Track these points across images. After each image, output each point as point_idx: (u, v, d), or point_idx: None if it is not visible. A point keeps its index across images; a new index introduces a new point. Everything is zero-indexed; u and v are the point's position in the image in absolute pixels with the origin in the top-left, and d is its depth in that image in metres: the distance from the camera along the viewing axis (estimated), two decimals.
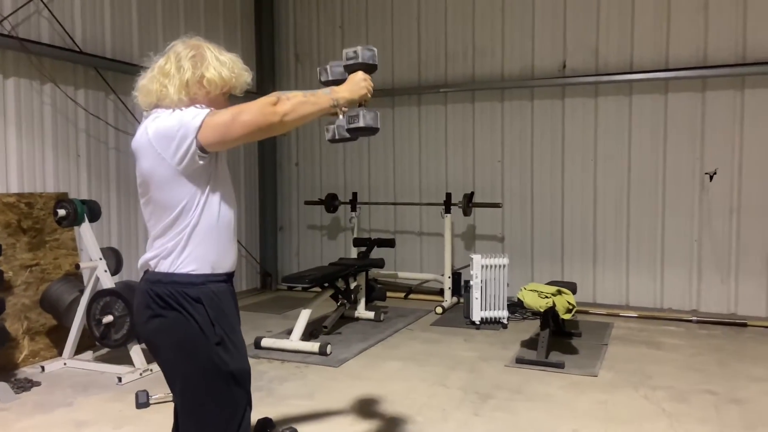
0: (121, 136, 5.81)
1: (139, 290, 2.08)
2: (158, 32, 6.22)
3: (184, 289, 1.97)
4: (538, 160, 6.77)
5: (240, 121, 1.88)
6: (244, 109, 1.89)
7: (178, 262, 1.98)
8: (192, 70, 1.99)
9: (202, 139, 1.88)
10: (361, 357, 4.89)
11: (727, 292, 6.08)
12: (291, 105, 1.92)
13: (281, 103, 1.91)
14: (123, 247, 5.62)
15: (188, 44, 2.05)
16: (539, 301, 4.57)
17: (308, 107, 1.98)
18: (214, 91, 2.03)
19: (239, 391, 2.04)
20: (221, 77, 2.01)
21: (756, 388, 4.06)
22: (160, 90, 1.98)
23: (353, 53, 2.25)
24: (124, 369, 4.42)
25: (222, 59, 2.04)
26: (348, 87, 2.13)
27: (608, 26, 6.37)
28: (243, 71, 2.09)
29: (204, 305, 1.98)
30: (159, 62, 2.05)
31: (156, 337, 2.03)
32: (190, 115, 1.91)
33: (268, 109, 1.89)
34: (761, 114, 5.86)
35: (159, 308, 1.98)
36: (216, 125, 1.89)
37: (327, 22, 7.74)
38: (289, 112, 1.92)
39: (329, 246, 7.89)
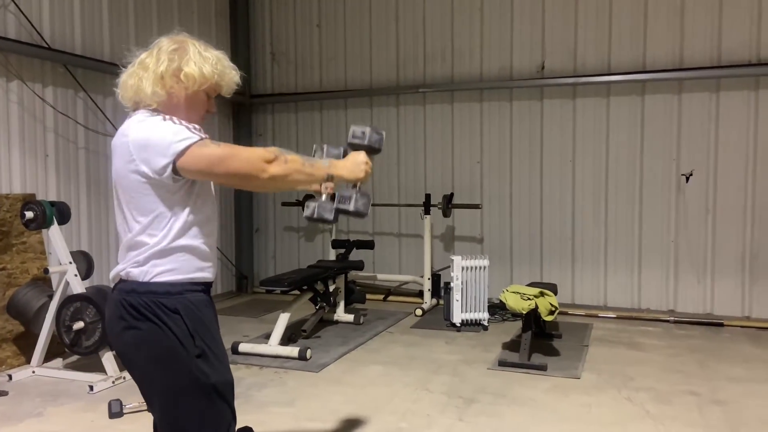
0: (91, 135, 5.63)
1: (111, 300, 1.95)
2: (130, 28, 6.05)
3: (160, 299, 1.86)
4: (517, 161, 6.76)
5: (227, 165, 1.79)
6: (236, 154, 1.80)
7: (153, 272, 1.87)
8: (168, 63, 1.88)
9: (180, 164, 1.78)
10: (341, 361, 4.80)
11: (703, 292, 6.14)
12: (285, 170, 1.83)
13: (276, 164, 1.81)
14: (94, 250, 5.44)
15: (173, 39, 1.96)
16: (522, 303, 4.54)
17: (300, 177, 1.89)
18: (192, 87, 1.91)
19: (222, 404, 1.94)
20: (201, 73, 1.90)
21: (737, 389, 4.08)
22: (137, 84, 1.88)
23: (361, 133, 2.15)
24: (96, 377, 4.26)
25: (206, 55, 1.93)
26: (348, 165, 2.02)
27: (586, 28, 6.40)
28: (228, 69, 1.97)
29: (182, 316, 1.87)
30: (141, 56, 1.95)
31: (131, 350, 1.91)
32: (178, 134, 1.79)
33: (260, 164, 1.79)
34: (735, 116, 5.94)
35: (133, 319, 1.86)
36: (200, 157, 1.78)
37: (304, 21, 7.63)
38: (280, 176, 1.83)
39: (306, 248, 7.78)
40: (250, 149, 1.82)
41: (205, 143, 1.80)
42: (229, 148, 1.82)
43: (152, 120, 1.85)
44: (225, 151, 1.80)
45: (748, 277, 5.97)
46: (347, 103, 7.47)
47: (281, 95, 7.70)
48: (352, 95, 7.38)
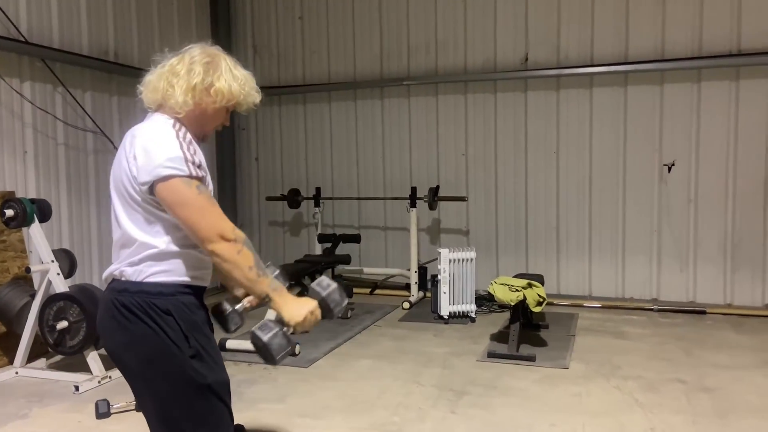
0: (70, 131, 5.52)
1: (103, 300, 1.92)
2: (108, 22, 5.93)
3: (153, 299, 1.82)
4: (501, 153, 6.78)
5: (188, 215, 1.75)
6: (202, 212, 1.75)
7: (147, 272, 1.84)
8: (203, 75, 1.87)
9: (157, 189, 1.76)
10: (330, 356, 4.79)
11: (686, 280, 6.22)
12: (229, 256, 1.76)
13: (228, 246, 1.75)
14: (75, 248, 5.34)
15: (206, 50, 1.94)
16: (510, 294, 4.56)
17: (237, 274, 1.78)
18: (219, 103, 1.90)
19: (219, 404, 1.91)
20: (230, 90, 1.89)
21: (723, 375, 4.14)
22: (167, 89, 1.86)
23: (326, 285, 1.97)
24: (81, 377, 4.19)
25: (236, 74, 1.92)
26: (292, 304, 1.88)
27: (569, 20, 6.41)
28: (254, 91, 1.98)
29: (174, 317, 1.83)
30: (172, 61, 1.92)
31: (123, 351, 1.87)
32: (169, 157, 1.75)
33: (213, 235, 1.75)
34: (717, 106, 6.00)
35: (125, 320, 1.83)
36: (174, 192, 1.75)
37: (286, 13, 7.55)
38: (223, 259, 1.76)
39: (292, 243, 7.73)
40: (220, 216, 1.77)
41: (188, 182, 1.76)
42: (206, 202, 1.77)
43: (167, 131, 1.82)
44: (200, 202, 1.75)
45: (729, 265, 6.05)
46: (331, 96, 7.42)
47: (263, 88, 7.26)
48: (335, 88, 7.33)
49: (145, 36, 6.40)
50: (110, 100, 6.00)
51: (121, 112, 6.08)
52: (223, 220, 1.78)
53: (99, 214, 5.77)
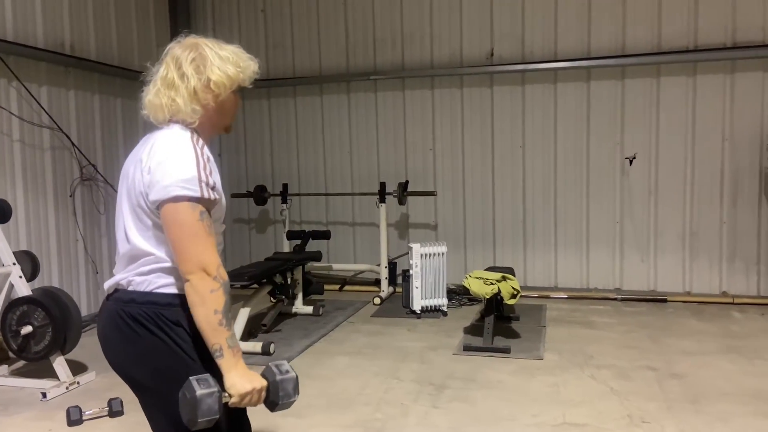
0: (26, 127, 5.28)
1: (106, 311, 1.81)
2: (64, 13, 5.69)
3: (162, 310, 1.73)
4: (468, 147, 6.83)
5: (184, 239, 1.65)
6: (200, 243, 1.64)
7: (156, 283, 1.75)
8: (196, 76, 1.77)
9: (162, 207, 1.67)
10: (306, 354, 4.74)
11: (647, 270, 6.42)
12: (201, 293, 1.63)
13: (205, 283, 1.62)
14: (33, 249, 5.11)
15: (185, 45, 1.82)
16: (485, 288, 4.61)
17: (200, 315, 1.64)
18: (225, 92, 1.80)
19: (238, 412, 1.83)
20: (228, 77, 1.78)
21: (690, 361, 4.29)
22: (170, 104, 1.76)
23: (285, 371, 1.73)
24: (48, 383, 4.03)
25: (224, 55, 1.80)
26: (243, 375, 1.66)
27: (533, 15, 6.50)
28: (248, 62, 1.85)
29: (185, 328, 1.74)
30: (160, 72, 1.81)
31: (132, 364, 1.78)
32: (184, 177, 1.66)
33: (196, 269, 1.63)
34: (675, 101, 6.20)
35: (132, 332, 1.73)
36: (175, 214, 1.66)
37: (248, 6, 7.41)
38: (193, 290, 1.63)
39: (258, 240, 7.62)
40: (208, 249, 1.65)
41: (194, 207, 1.66)
42: (201, 230, 1.66)
43: (185, 145, 1.72)
44: (194, 228, 1.65)
45: (688, 254, 6.28)
46: (296, 90, 7.32)
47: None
48: (300, 83, 7.23)
49: (102, 28, 6.17)
50: (67, 95, 5.76)
51: (79, 106, 5.85)
52: (211, 254, 1.66)
53: (57, 214, 5.55)
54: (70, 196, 5.70)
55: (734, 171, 6.09)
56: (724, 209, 6.14)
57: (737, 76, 6.00)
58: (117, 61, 6.29)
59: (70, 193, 5.70)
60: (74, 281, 5.75)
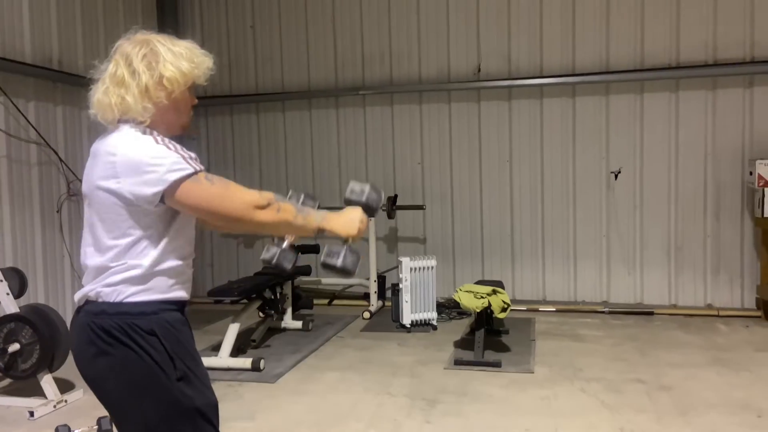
0: (13, 142, 5.24)
1: (77, 325, 1.79)
2: (52, 29, 5.67)
3: (134, 320, 1.72)
4: (456, 161, 6.89)
5: (217, 205, 1.71)
6: (228, 195, 1.71)
7: (127, 292, 1.73)
8: (148, 72, 1.73)
9: (168, 195, 1.67)
10: (296, 370, 4.72)
11: (633, 283, 6.49)
12: (274, 218, 1.76)
13: (267, 211, 1.74)
14: (20, 266, 5.03)
15: (135, 41, 1.79)
16: (475, 301, 4.63)
17: (289, 230, 1.88)
18: (178, 89, 1.77)
19: (208, 428, 1.83)
20: (182, 73, 1.76)
21: (678, 374, 4.34)
22: (120, 103, 1.73)
23: (360, 190, 2.06)
24: (36, 402, 3.97)
25: (177, 50, 1.77)
26: (341, 221, 1.95)
27: (519, 33, 6.60)
28: (201, 57, 1.82)
29: (158, 337, 1.74)
30: (109, 70, 1.78)
31: (103, 378, 1.76)
32: (171, 164, 1.67)
33: (250, 211, 1.72)
34: (658, 116, 6.31)
35: (104, 344, 1.71)
36: (191, 193, 1.68)
37: (236, 22, 7.44)
38: (269, 224, 1.77)
39: (246, 255, 7.59)
40: (242, 191, 1.72)
41: (198, 178, 1.69)
42: (223, 187, 1.71)
43: (146, 140, 1.71)
44: (218, 190, 1.70)
45: (673, 267, 6.36)
46: (285, 105, 7.35)
47: (215, 98, 7.44)
48: (289, 97, 7.26)
49: (91, 44, 6.15)
50: (54, 110, 5.73)
51: (66, 122, 5.82)
52: (246, 193, 1.73)
53: (44, 230, 5.50)
54: (57, 212, 5.66)
55: (717, 185, 6.20)
56: (708, 223, 6.24)
57: (718, 92, 6.13)
58: None
59: (57, 209, 5.66)
60: (61, 298, 5.69)
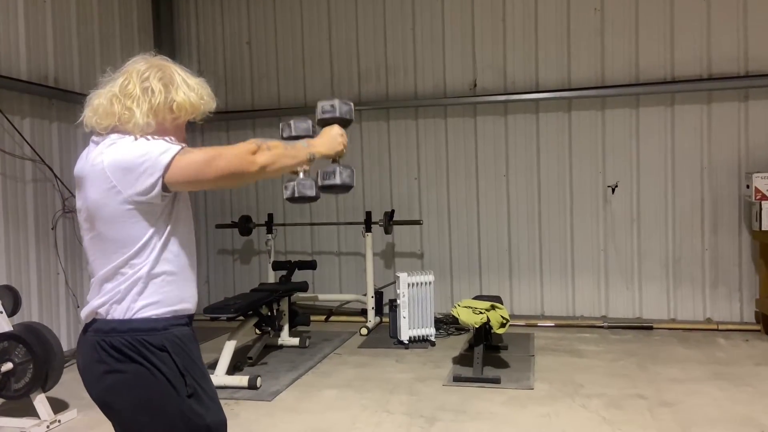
0: (8, 159, 5.21)
1: (86, 343, 1.78)
2: (48, 46, 5.67)
3: (145, 336, 1.72)
4: (453, 176, 6.89)
5: (215, 166, 1.70)
6: (221, 154, 1.71)
7: (135, 307, 1.73)
8: (164, 94, 1.79)
9: (168, 178, 1.68)
10: (293, 388, 4.66)
11: (632, 297, 6.47)
12: (271, 156, 1.79)
13: (261, 153, 1.76)
14: (14, 284, 4.98)
15: (152, 63, 1.84)
16: (474, 317, 4.60)
17: (288, 160, 1.87)
18: (183, 117, 1.83)
19: None
20: (191, 103, 1.82)
21: (679, 389, 4.30)
22: (123, 113, 1.75)
23: (330, 107, 2.14)
24: (28, 422, 3.91)
25: (191, 84, 1.84)
26: (324, 141, 2.02)
27: (514, 48, 6.63)
28: (210, 99, 1.90)
29: (170, 353, 1.74)
30: (120, 81, 1.80)
31: (113, 397, 1.74)
32: (158, 149, 1.70)
33: (247, 157, 1.74)
34: (653, 130, 6.33)
35: (115, 362, 1.71)
36: (187, 165, 1.69)
37: (233, 38, 7.46)
38: (269, 164, 1.78)
39: (242, 271, 7.55)
40: (231, 146, 1.76)
41: (186, 151, 1.72)
42: (212, 149, 1.73)
43: (124, 141, 1.74)
44: (209, 153, 1.71)
45: (672, 281, 6.34)
46: (281, 121, 7.32)
47: (211, 113, 7.42)
48: (286, 113, 7.24)
49: (87, 61, 6.15)
50: (50, 127, 5.71)
51: (62, 139, 5.80)
52: (236, 146, 1.76)
53: (38, 247, 5.46)
54: (52, 229, 5.62)
55: (714, 199, 6.20)
56: (706, 236, 6.23)
57: (714, 106, 6.15)
58: None
59: (52, 226, 5.62)
60: (54, 316, 5.62)
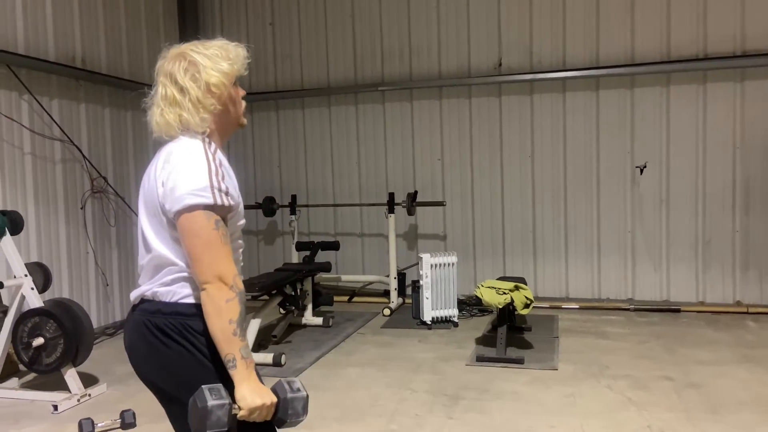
0: (37, 139, 5.30)
1: (132, 322, 1.81)
2: (75, 27, 5.73)
3: (188, 320, 1.73)
4: (477, 157, 6.82)
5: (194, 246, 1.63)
6: (210, 251, 1.62)
7: (181, 293, 1.75)
8: (195, 85, 1.75)
9: (178, 217, 1.66)
10: (317, 366, 4.70)
11: (659, 279, 6.36)
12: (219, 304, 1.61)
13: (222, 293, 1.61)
14: (44, 261, 5.09)
15: (171, 58, 1.80)
16: (497, 297, 4.57)
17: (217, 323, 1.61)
18: (225, 91, 1.78)
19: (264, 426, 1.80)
20: (224, 73, 1.77)
21: (707, 371, 4.23)
22: (178, 120, 1.75)
23: (296, 389, 1.68)
24: (59, 396, 4.00)
25: (211, 53, 1.79)
26: (255, 389, 1.62)
27: (541, 25, 6.51)
28: (237, 50, 1.83)
29: (208, 338, 1.72)
30: (159, 92, 1.80)
31: (158, 374, 1.78)
32: (198, 189, 1.65)
33: (212, 276, 1.62)
34: (684, 109, 6.18)
35: (159, 342, 1.73)
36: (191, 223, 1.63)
37: (256, 19, 7.45)
38: (210, 302, 1.61)
39: (266, 252, 7.60)
40: (224, 258, 1.64)
41: (209, 215, 1.64)
42: (217, 239, 1.64)
43: (196, 152, 1.71)
44: (209, 236, 1.63)
45: (701, 263, 6.22)
46: (304, 102, 7.34)
47: None
48: (309, 94, 7.26)
49: (113, 42, 6.21)
50: (78, 108, 5.79)
51: (89, 119, 5.88)
52: (227, 263, 1.65)
53: (68, 226, 5.56)
54: (81, 209, 5.71)
55: (746, 179, 6.04)
56: (737, 218, 6.09)
57: (747, 84, 5.98)
58: (127, 75, 6.32)
59: (81, 206, 5.71)
60: (84, 293, 5.74)
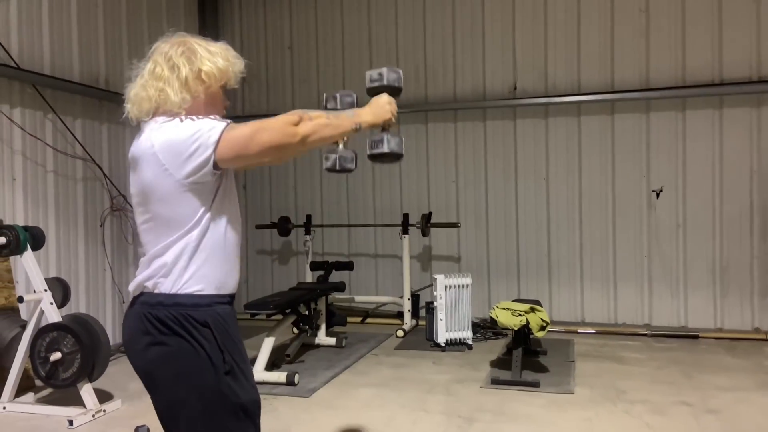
0: (60, 158, 5.40)
1: (133, 315, 1.84)
2: (99, 51, 5.87)
3: (189, 311, 1.77)
4: (492, 179, 6.84)
5: (258, 140, 1.73)
6: (264, 127, 1.74)
7: (181, 282, 1.78)
8: (188, 65, 1.84)
9: (218, 154, 1.73)
10: (330, 385, 4.69)
11: (677, 305, 6.29)
12: (313, 126, 1.80)
13: (303, 124, 1.78)
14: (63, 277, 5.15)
15: (173, 42, 1.90)
16: (513, 319, 4.54)
17: (330, 130, 1.87)
18: (214, 85, 1.87)
19: (250, 426, 1.85)
20: (218, 68, 1.86)
21: (726, 397, 4.16)
22: (158, 95, 1.81)
23: (377, 75, 2.10)
24: (74, 411, 4.02)
25: (213, 50, 1.89)
26: (372, 110, 2.00)
27: (556, 50, 6.57)
28: (235, 59, 1.93)
29: (212, 329, 1.79)
30: (148, 67, 1.88)
31: (156, 368, 1.80)
32: (206, 126, 1.74)
33: (289, 129, 1.75)
34: (701, 134, 6.17)
35: (160, 334, 1.76)
36: (233, 141, 1.73)
37: (275, 43, 7.59)
38: (311, 134, 1.79)
39: (281, 271, 7.63)
40: (273, 118, 1.78)
41: (232, 126, 1.76)
42: (256, 123, 1.77)
43: (171, 124, 1.79)
44: (252, 127, 1.75)
45: (719, 289, 6.14)
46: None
47: (252, 117, 7.55)
48: None
49: None
50: (100, 128, 5.91)
51: (111, 139, 5.99)
52: (278, 118, 1.77)
53: (87, 242, 5.63)
54: (100, 226, 5.79)
55: (764, 204, 6.00)
56: (755, 243, 6.03)
57: (763, 109, 5.97)
58: None
59: (101, 223, 5.79)
60: (101, 309, 5.79)
